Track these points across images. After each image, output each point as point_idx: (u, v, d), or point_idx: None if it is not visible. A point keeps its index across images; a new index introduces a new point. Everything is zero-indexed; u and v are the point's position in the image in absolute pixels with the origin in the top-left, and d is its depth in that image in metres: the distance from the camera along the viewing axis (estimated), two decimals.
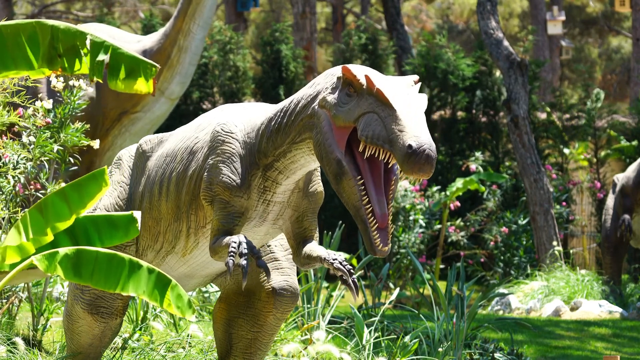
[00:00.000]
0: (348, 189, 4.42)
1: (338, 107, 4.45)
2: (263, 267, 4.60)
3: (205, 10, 10.08)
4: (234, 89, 16.30)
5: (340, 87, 4.50)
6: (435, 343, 7.40)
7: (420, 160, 4.15)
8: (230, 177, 4.80)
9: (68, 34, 4.63)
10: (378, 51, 16.89)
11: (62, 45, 4.63)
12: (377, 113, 4.31)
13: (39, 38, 4.62)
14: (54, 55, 4.63)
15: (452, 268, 8.64)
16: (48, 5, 30.95)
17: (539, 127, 16.45)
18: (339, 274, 4.73)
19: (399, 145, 4.18)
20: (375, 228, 4.39)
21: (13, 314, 7.19)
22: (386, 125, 4.25)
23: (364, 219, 4.39)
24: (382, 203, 4.43)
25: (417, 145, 4.15)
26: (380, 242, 4.40)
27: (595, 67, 34.54)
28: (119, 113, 10.12)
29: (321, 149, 4.49)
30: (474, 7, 30.53)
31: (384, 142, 4.25)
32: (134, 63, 4.67)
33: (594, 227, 16.30)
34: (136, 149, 5.52)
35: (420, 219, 13.67)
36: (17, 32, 4.61)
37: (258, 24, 33.51)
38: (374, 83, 4.35)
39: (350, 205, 4.44)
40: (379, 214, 4.40)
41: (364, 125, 4.32)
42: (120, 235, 4.65)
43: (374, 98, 4.34)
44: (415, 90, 4.45)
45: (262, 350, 5.48)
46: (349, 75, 4.44)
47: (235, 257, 4.60)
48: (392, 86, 4.39)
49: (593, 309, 11.51)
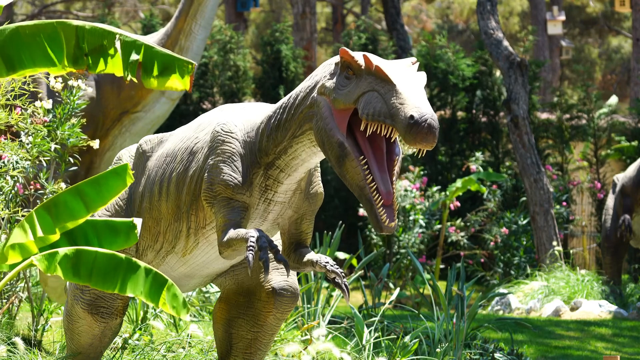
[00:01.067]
0: (351, 170, 4.43)
1: (337, 90, 4.48)
2: (283, 262, 4.59)
3: (207, 10, 10.06)
4: (234, 88, 16.30)
5: (338, 71, 4.52)
6: (435, 343, 7.40)
7: (423, 130, 4.17)
8: (231, 176, 4.80)
9: (95, 34, 4.63)
10: (378, 51, 16.89)
11: (89, 45, 4.63)
12: (377, 90, 4.33)
13: (62, 37, 4.61)
14: (80, 55, 4.62)
15: (452, 268, 8.64)
16: (48, 5, 30.95)
17: (539, 127, 16.45)
18: (332, 277, 4.75)
19: (400, 118, 4.21)
20: (380, 205, 4.39)
21: (13, 314, 7.18)
22: (386, 101, 4.28)
23: (369, 197, 4.40)
24: (386, 181, 4.45)
25: (419, 115, 4.18)
26: (386, 218, 4.40)
27: (595, 67, 34.55)
28: (120, 113, 10.12)
29: (322, 134, 4.50)
30: (474, 7, 30.53)
31: (385, 117, 4.27)
32: (168, 60, 4.67)
33: (594, 227, 16.30)
34: (136, 149, 5.52)
35: (421, 219, 13.67)
36: (36, 31, 4.61)
37: (258, 24, 33.52)
38: (372, 61, 4.38)
39: (354, 185, 4.44)
40: (384, 192, 4.41)
41: (365, 104, 4.34)
42: (120, 241, 4.65)
43: (373, 77, 4.37)
44: (414, 68, 4.47)
45: (262, 350, 5.48)
46: (347, 57, 4.46)
47: (255, 251, 4.59)
48: (390, 64, 4.42)
49: (593, 309, 11.51)
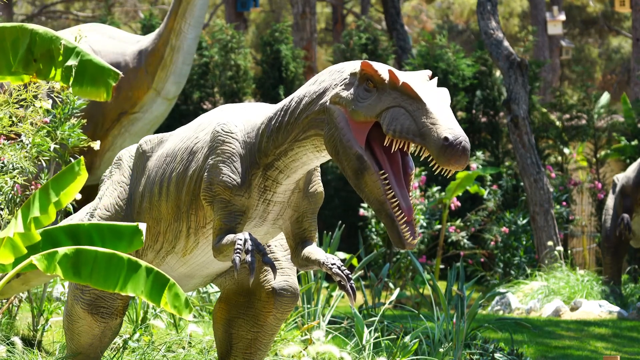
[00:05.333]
0: (371, 184, 4.43)
1: (357, 102, 4.45)
2: (269, 264, 4.60)
3: (196, 9, 10.03)
4: (234, 88, 16.29)
5: (357, 82, 4.50)
6: (435, 343, 7.40)
7: (458, 152, 4.20)
8: (230, 177, 4.80)
9: (45, 38, 4.64)
10: (378, 51, 16.88)
11: (39, 49, 4.65)
12: (403, 107, 4.32)
13: (20, 42, 4.63)
14: (30, 59, 4.65)
15: (452, 268, 8.64)
16: (48, 5, 30.94)
17: (539, 127, 16.45)
18: (337, 279, 4.74)
19: (433, 138, 4.22)
20: (403, 222, 4.40)
21: (13, 314, 7.19)
22: (416, 119, 4.28)
23: (390, 213, 4.41)
24: (405, 196, 4.46)
25: (453, 137, 4.20)
26: (410, 236, 4.42)
27: (595, 67, 34.55)
28: (119, 113, 10.12)
29: (337, 144, 4.49)
30: (474, 7, 30.52)
31: (414, 135, 4.27)
32: (98, 71, 4.70)
33: (594, 227, 16.29)
34: (136, 149, 5.52)
35: (421, 219, 13.67)
36: (2, 37, 4.62)
37: (258, 24, 33.51)
38: (398, 77, 4.37)
39: (373, 199, 4.44)
40: (405, 208, 4.42)
41: (390, 119, 4.33)
42: (124, 245, 4.65)
43: (398, 92, 4.36)
44: (434, 84, 4.47)
45: (262, 350, 5.48)
46: (369, 70, 4.44)
47: (242, 254, 4.60)
48: (415, 79, 4.42)
49: (593, 309, 11.51)
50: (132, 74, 10.08)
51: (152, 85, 10.09)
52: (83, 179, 4.54)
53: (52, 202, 4.50)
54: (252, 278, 4.58)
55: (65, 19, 31.60)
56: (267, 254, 4.63)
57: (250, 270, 4.56)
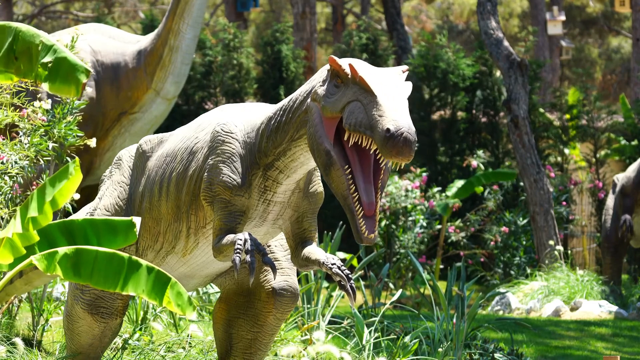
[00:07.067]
0: (336, 179, 4.45)
1: (326, 98, 4.50)
2: (269, 264, 4.60)
3: (194, 9, 10.03)
4: (236, 88, 16.28)
5: (329, 79, 4.53)
6: (435, 343, 7.40)
7: (399, 144, 4.18)
8: (230, 177, 4.80)
9: (26, 36, 4.66)
10: (378, 51, 16.88)
11: (20, 47, 4.66)
12: (360, 101, 4.35)
13: (4, 41, 4.64)
14: (11, 57, 4.66)
15: (452, 268, 8.64)
16: (48, 5, 30.93)
17: (539, 127, 16.45)
18: (337, 279, 4.74)
19: (377, 130, 4.22)
20: (361, 216, 4.42)
21: (13, 314, 7.19)
22: (367, 112, 4.30)
23: (351, 207, 4.44)
24: (369, 192, 4.46)
25: (395, 128, 4.19)
26: (366, 230, 4.44)
27: (595, 67, 34.54)
28: (119, 113, 10.12)
29: (312, 141, 4.53)
30: (474, 7, 30.53)
31: (365, 128, 4.29)
32: (71, 68, 4.70)
33: (594, 227, 16.29)
34: (136, 149, 5.52)
35: (421, 219, 13.66)
36: None
37: (258, 24, 33.51)
38: (357, 71, 4.39)
39: (339, 194, 4.48)
40: (366, 202, 4.44)
41: (348, 113, 4.36)
42: (119, 240, 4.65)
43: (358, 86, 4.38)
44: (402, 78, 4.47)
45: (262, 350, 5.48)
46: (335, 66, 4.48)
47: (242, 254, 4.60)
48: (376, 74, 4.42)
49: (593, 309, 11.51)
50: (131, 74, 10.08)
51: (151, 85, 10.09)
52: (78, 179, 4.54)
53: (47, 202, 4.50)
54: (252, 278, 4.58)
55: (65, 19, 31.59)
56: (267, 254, 4.63)
57: (250, 270, 4.56)
